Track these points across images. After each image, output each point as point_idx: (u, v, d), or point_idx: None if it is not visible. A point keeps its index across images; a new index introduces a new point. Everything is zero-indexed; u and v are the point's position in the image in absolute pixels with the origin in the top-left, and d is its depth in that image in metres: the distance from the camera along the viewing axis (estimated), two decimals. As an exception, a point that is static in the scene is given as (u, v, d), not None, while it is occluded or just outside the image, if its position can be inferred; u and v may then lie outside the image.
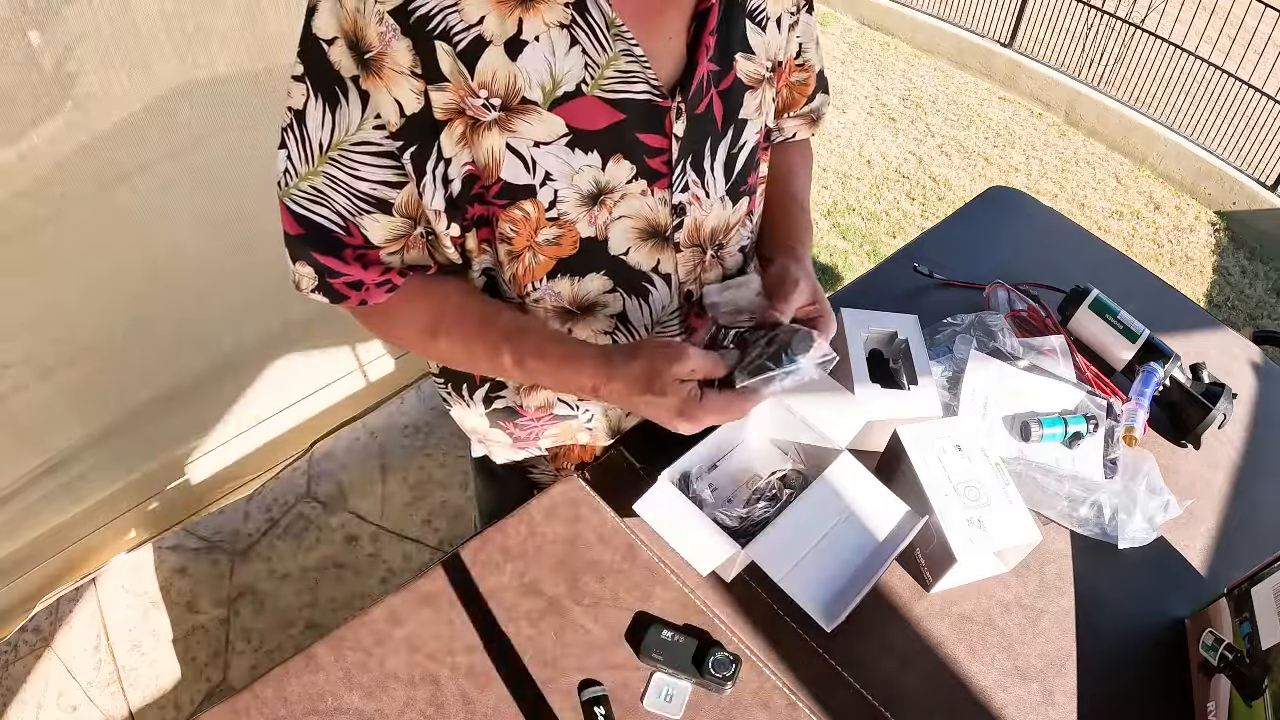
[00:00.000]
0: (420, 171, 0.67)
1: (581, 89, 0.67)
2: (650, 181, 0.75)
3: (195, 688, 1.75)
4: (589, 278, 0.80)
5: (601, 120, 0.69)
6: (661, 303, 0.84)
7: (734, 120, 0.79)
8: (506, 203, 0.71)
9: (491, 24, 0.62)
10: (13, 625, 1.76)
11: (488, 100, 0.65)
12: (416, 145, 0.66)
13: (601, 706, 0.75)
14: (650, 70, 0.69)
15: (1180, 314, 1.26)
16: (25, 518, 1.61)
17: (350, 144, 0.66)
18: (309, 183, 0.68)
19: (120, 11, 1.21)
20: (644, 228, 0.78)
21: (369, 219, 0.70)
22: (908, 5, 5.32)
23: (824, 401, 0.93)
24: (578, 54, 0.66)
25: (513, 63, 0.64)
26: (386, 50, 0.61)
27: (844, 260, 3.45)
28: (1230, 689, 0.77)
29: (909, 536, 0.83)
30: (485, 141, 0.67)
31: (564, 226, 0.74)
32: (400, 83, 0.63)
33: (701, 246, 0.84)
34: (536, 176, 0.70)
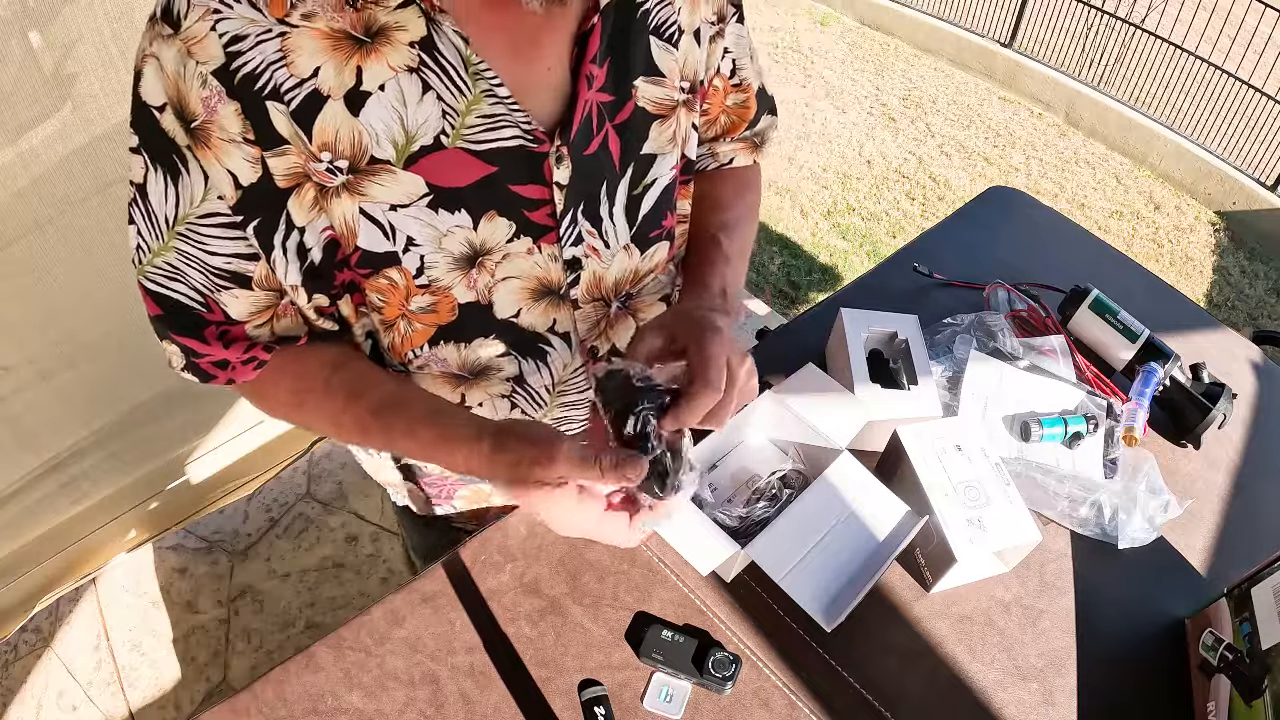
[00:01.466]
0: (267, 246, 0.60)
1: (441, 141, 0.59)
2: (535, 238, 0.66)
3: (195, 688, 1.75)
4: (477, 343, 0.72)
5: (468, 175, 0.61)
6: (562, 362, 0.77)
7: (635, 157, 0.70)
8: (369, 272, 0.64)
9: (327, 76, 0.55)
10: (13, 625, 1.76)
11: (332, 164, 0.57)
12: (259, 218, 0.59)
13: (601, 706, 0.75)
14: (520, 112, 0.60)
15: (1180, 314, 1.26)
16: (25, 518, 1.61)
17: (196, 217, 0.59)
18: (162, 259, 0.62)
19: (120, 11, 1.21)
20: (534, 288, 0.70)
21: (227, 295, 0.63)
22: (908, 5, 5.32)
23: (824, 401, 0.93)
24: (432, 101, 0.57)
25: (355, 118, 0.56)
26: (213, 117, 0.54)
27: (844, 260, 3.45)
28: (1230, 689, 0.77)
29: (909, 536, 0.83)
30: (336, 208, 0.60)
31: (438, 293, 0.66)
32: (231, 152, 0.56)
33: (605, 300, 0.76)
34: (398, 243, 0.62)
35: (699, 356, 0.62)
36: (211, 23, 0.52)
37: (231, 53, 0.53)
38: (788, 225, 3.60)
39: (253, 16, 0.52)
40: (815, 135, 4.27)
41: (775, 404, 0.91)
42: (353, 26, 0.54)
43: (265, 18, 0.53)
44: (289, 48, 0.53)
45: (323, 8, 0.53)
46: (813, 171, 3.98)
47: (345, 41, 0.54)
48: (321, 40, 0.54)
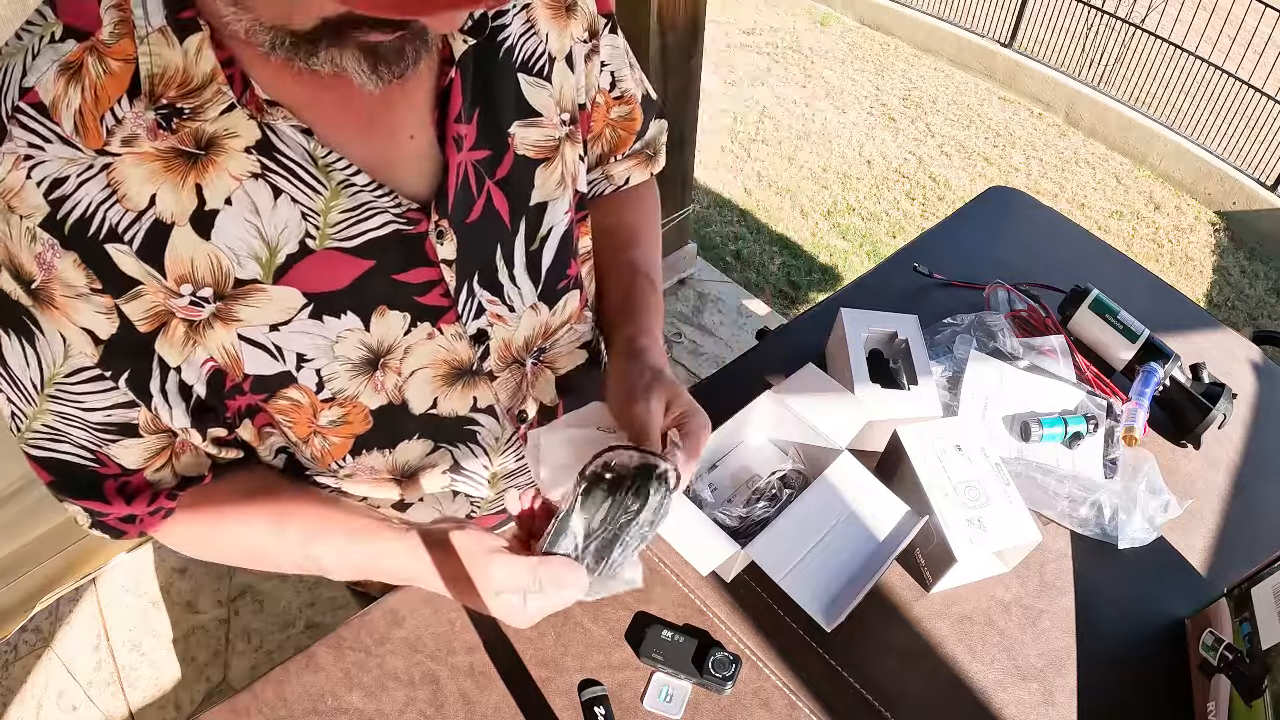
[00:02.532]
0: (144, 395, 0.55)
1: (308, 245, 0.54)
2: (433, 321, 0.62)
3: (195, 688, 1.75)
4: (401, 447, 0.69)
5: (345, 276, 0.56)
6: (493, 436, 0.74)
7: (525, 210, 0.64)
8: (267, 395, 0.60)
9: (166, 202, 0.49)
10: (13, 625, 1.76)
11: (195, 295, 0.52)
12: (129, 369, 0.54)
13: (601, 706, 0.75)
14: (387, 196, 0.55)
15: (1180, 314, 1.26)
16: (25, 518, 1.61)
17: (63, 377, 0.54)
18: (40, 422, 0.56)
19: (120, 11, 1.21)
20: (446, 373, 0.66)
21: (116, 447, 0.58)
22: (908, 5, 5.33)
23: (824, 401, 0.93)
24: (287, 205, 0.52)
25: (208, 242, 0.51)
26: (51, 274, 0.48)
27: (844, 260, 3.45)
28: (1230, 689, 0.77)
29: (909, 537, 0.83)
30: (212, 340, 0.55)
31: (346, 404, 0.62)
32: (80, 308, 0.50)
33: (519, 361, 0.71)
34: (288, 361, 0.58)
35: (690, 435, 0.62)
36: (25, 170, 0.46)
37: (55, 199, 0.47)
38: (788, 225, 3.60)
39: (69, 155, 0.47)
40: (815, 135, 4.27)
41: (775, 404, 0.91)
42: (181, 142, 0.49)
43: (83, 152, 0.47)
44: (116, 180, 0.48)
45: (145, 129, 0.48)
46: (813, 171, 3.98)
47: (176, 160, 0.49)
48: (150, 163, 0.48)
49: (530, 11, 0.62)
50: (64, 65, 0.46)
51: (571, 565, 0.56)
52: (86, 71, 0.46)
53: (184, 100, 0.48)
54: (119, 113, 0.47)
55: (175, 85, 0.47)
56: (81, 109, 0.47)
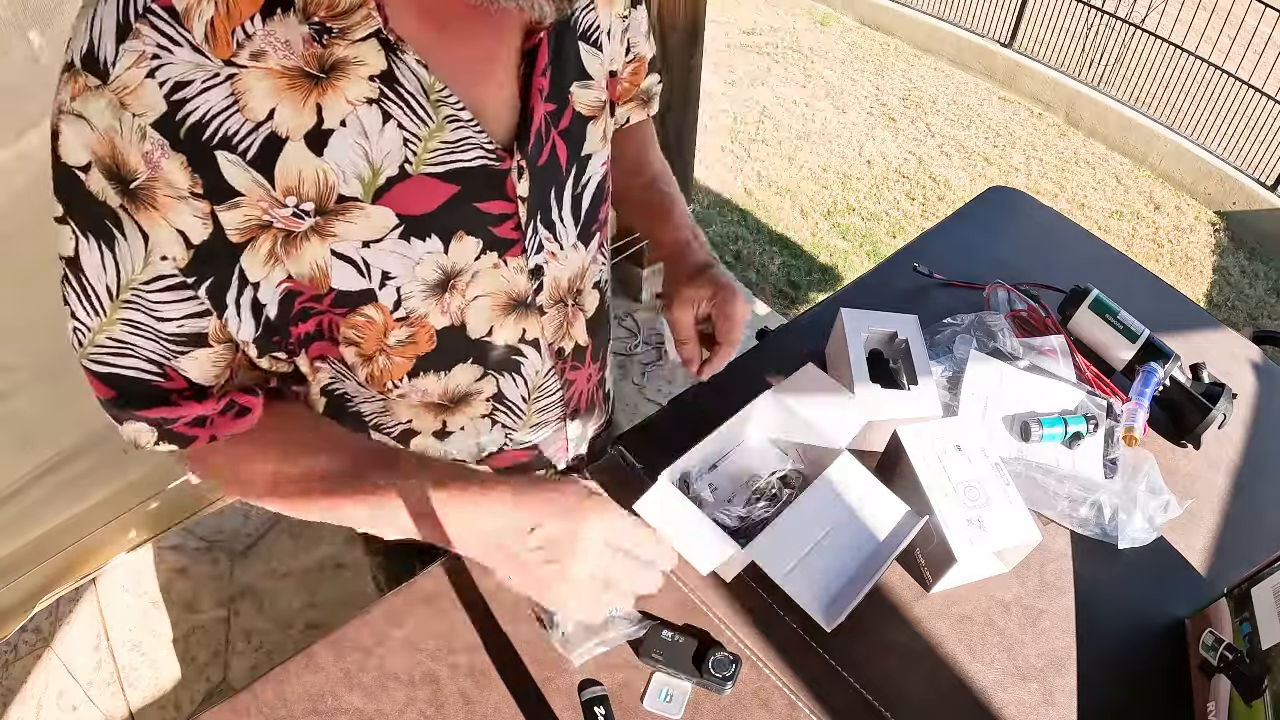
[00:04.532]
0: (220, 305, 0.57)
1: (406, 170, 0.58)
2: (501, 252, 0.67)
3: (195, 688, 1.75)
4: (456, 370, 0.73)
5: (434, 199, 0.60)
6: (535, 369, 0.79)
7: (578, 159, 0.72)
8: (345, 310, 0.62)
9: (285, 117, 0.52)
10: (13, 625, 1.76)
11: (298, 208, 0.55)
12: (212, 277, 0.55)
13: (601, 706, 0.75)
14: (483, 133, 0.60)
15: (1180, 314, 1.26)
16: (25, 518, 1.61)
17: (141, 283, 0.55)
18: (105, 335, 0.57)
19: (120, 11, 1.21)
20: (504, 302, 0.71)
21: (186, 359, 0.60)
22: (908, 5, 5.33)
23: (824, 401, 0.93)
24: (394, 131, 0.56)
25: (319, 158, 0.54)
26: (157, 173, 0.50)
27: (844, 260, 3.45)
28: (1230, 689, 0.77)
29: (909, 537, 0.83)
30: (306, 253, 0.57)
31: (415, 324, 0.66)
32: (180, 209, 0.51)
33: (563, 301, 0.78)
34: (373, 279, 0.61)
35: (724, 318, 0.84)
36: (148, 69, 0.47)
37: (175, 101, 0.48)
38: (788, 225, 3.60)
39: (196, 61, 0.48)
40: (815, 135, 4.27)
41: (775, 404, 0.91)
42: (307, 64, 0.51)
43: (210, 61, 0.48)
44: (239, 90, 0.50)
45: (273, 47, 0.50)
46: (813, 171, 3.98)
47: (300, 79, 0.51)
48: (275, 79, 0.51)
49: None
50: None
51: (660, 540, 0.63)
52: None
53: (333, 21, 0.51)
54: (249, 29, 0.49)
55: (325, 7, 0.51)
56: (214, 20, 0.48)
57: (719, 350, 0.85)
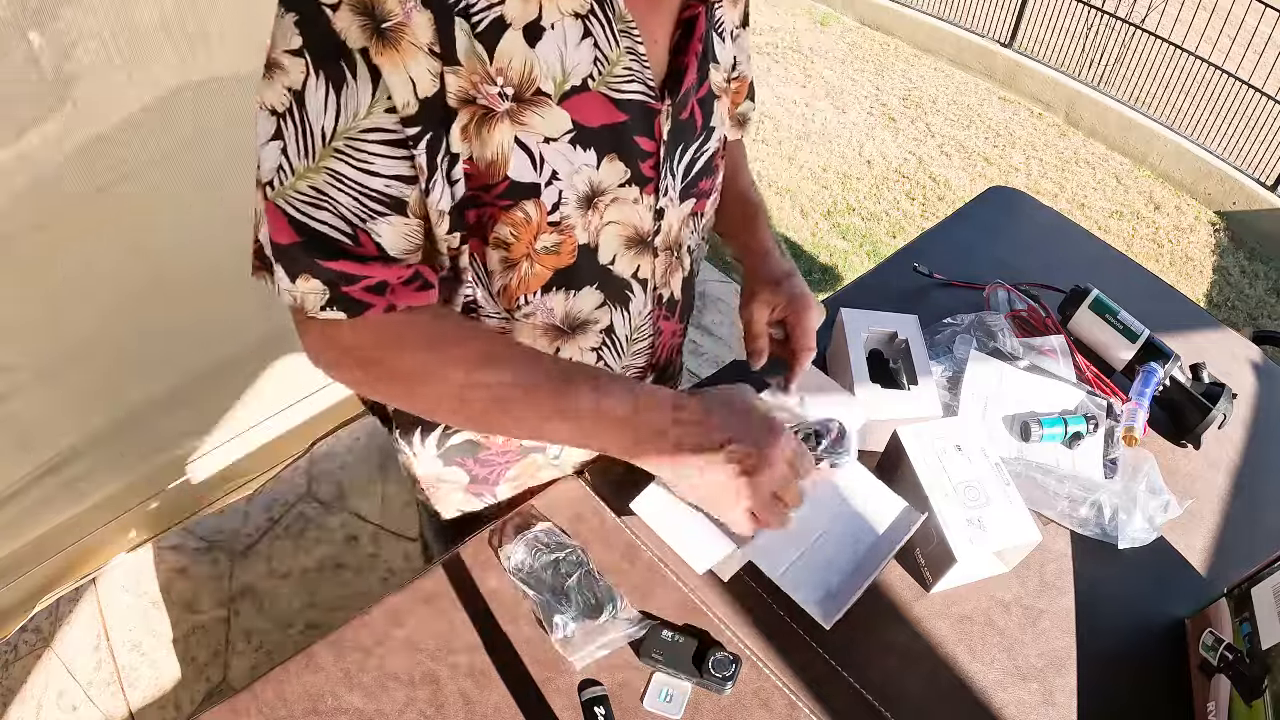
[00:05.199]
0: (433, 165, 0.59)
1: (588, 84, 0.63)
2: (642, 186, 0.73)
3: (195, 688, 1.75)
4: (584, 293, 0.76)
5: (602, 117, 0.66)
6: (639, 309, 0.83)
7: (707, 128, 0.79)
8: (509, 204, 0.64)
9: (513, 5, 0.57)
10: (13, 625, 1.76)
11: (503, 89, 0.59)
12: (431, 133, 0.58)
13: (601, 706, 0.75)
14: (649, 70, 0.66)
15: (1180, 314, 1.26)
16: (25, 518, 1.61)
17: (359, 131, 0.56)
18: (308, 182, 0.57)
19: (120, 11, 1.21)
20: (630, 235, 0.75)
21: (383, 223, 0.59)
22: (908, 5, 5.32)
23: (824, 401, 0.92)
24: (589, 46, 0.62)
25: (531, 49, 0.59)
26: (408, 21, 0.53)
27: (844, 260, 3.45)
28: (1230, 689, 0.77)
29: (908, 534, 0.83)
30: (495, 135, 0.60)
31: (564, 232, 0.69)
32: (419, 59, 0.55)
33: (671, 249, 0.83)
34: (543, 175, 0.64)
35: (799, 326, 0.88)
36: None
37: None
38: (788, 225, 3.60)
39: None
40: (815, 135, 4.27)
41: (775, 404, 0.91)
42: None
43: None
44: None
45: None
46: (813, 171, 3.98)
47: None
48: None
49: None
50: None
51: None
52: None
53: None
54: None
55: None
56: None
57: (798, 358, 0.87)
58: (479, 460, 0.92)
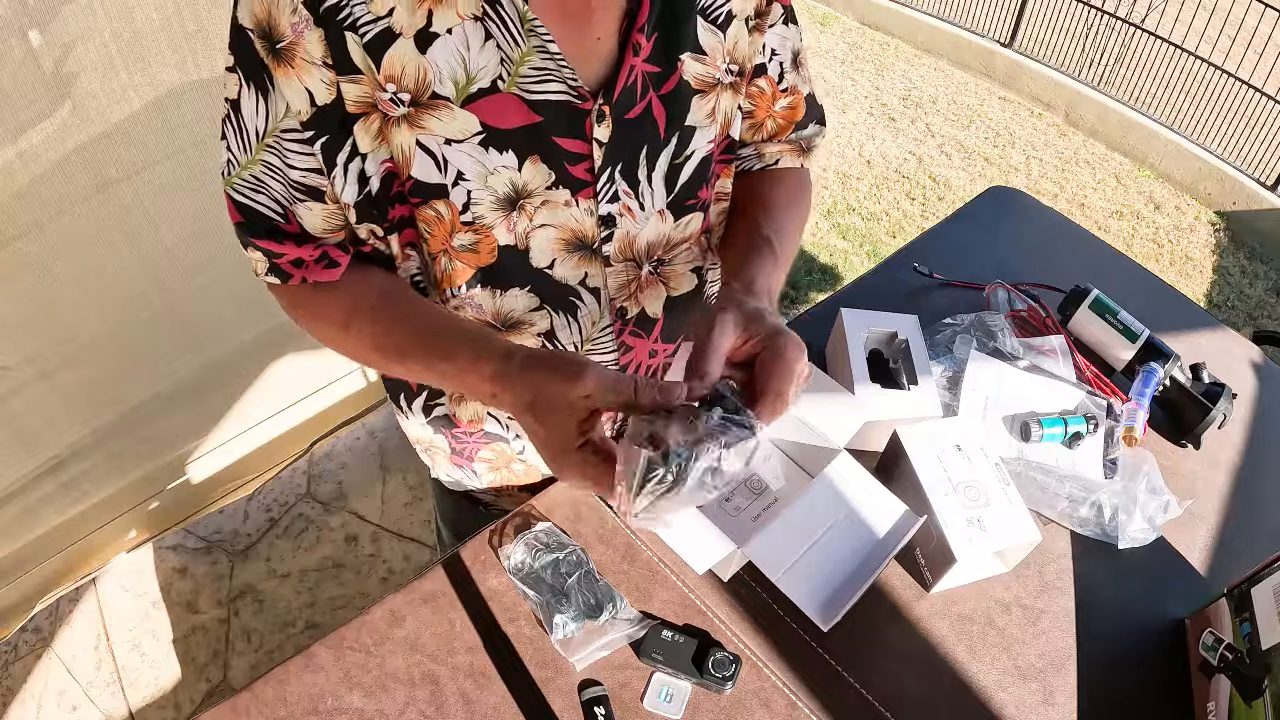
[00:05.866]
0: (330, 164, 0.66)
1: (498, 85, 0.64)
2: (574, 190, 0.71)
3: (195, 688, 1.75)
4: (511, 293, 0.76)
5: (516, 119, 0.66)
6: (591, 318, 0.81)
7: (679, 127, 0.74)
8: (420, 201, 0.70)
9: (401, 15, 0.61)
10: (13, 625, 1.76)
11: (395, 95, 0.63)
12: (327, 136, 0.65)
13: (601, 706, 0.75)
14: (568, 69, 0.65)
15: (1180, 314, 1.26)
16: (25, 518, 1.61)
17: (280, 131, 0.65)
18: (249, 171, 0.68)
19: (120, 11, 1.21)
20: (569, 239, 0.74)
21: (303, 207, 0.69)
22: (908, 5, 5.32)
23: (823, 401, 0.92)
24: (493, 49, 0.63)
25: (422, 56, 0.62)
26: (299, 40, 0.60)
27: (844, 260, 3.45)
28: (1230, 689, 0.77)
29: (907, 536, 0.83)
30: (396, 138, 0.65)
31: (480, 231, 0.71)
32: (312, 72, 0.61)
33: (636, 261, 0.79)
34: (448, 175, 0.68)
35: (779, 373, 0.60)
36: None
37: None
38: (788, 225, 3.60)
39: None
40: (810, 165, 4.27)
41: None
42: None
43: None
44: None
45: None
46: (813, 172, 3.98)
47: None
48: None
49: None
50: None
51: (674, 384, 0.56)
52: None
53: None
54: None
55: None
56: None
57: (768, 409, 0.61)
58: (453, 435, 0.94)
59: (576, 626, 0.79)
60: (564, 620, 0.78)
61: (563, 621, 0.78)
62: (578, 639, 0.79)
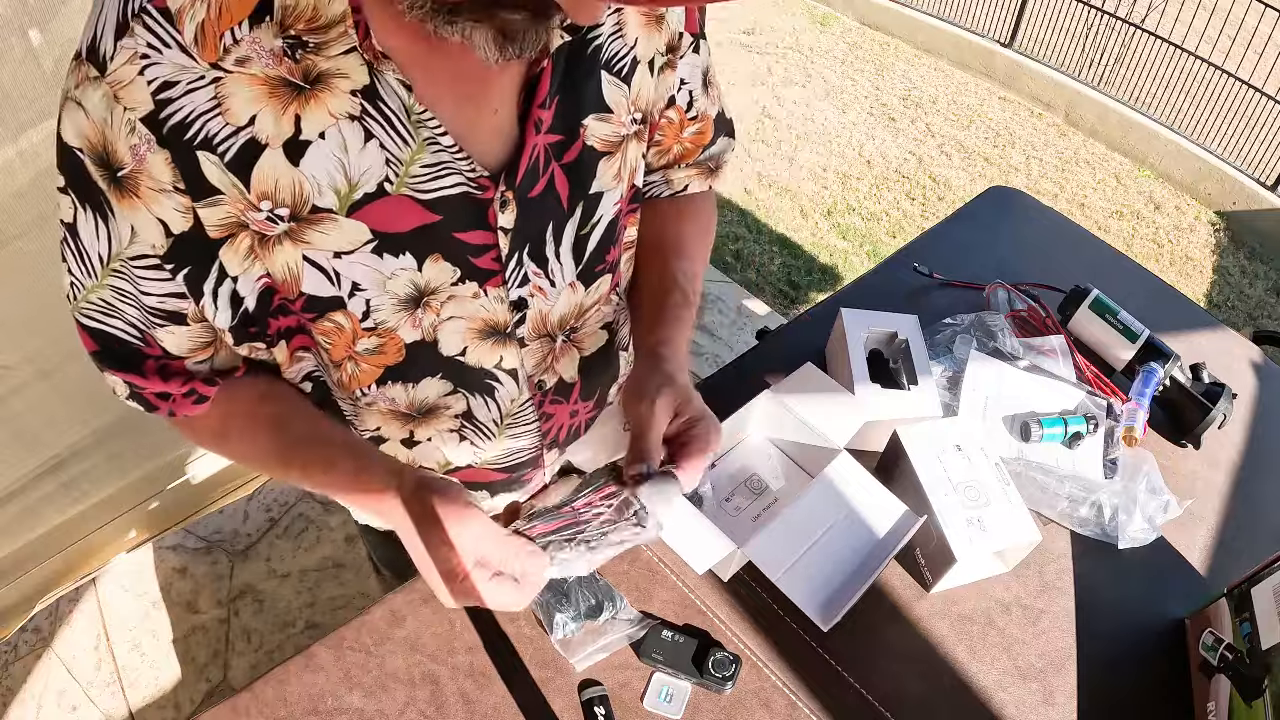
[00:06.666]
0: (197, 293, 0.59)
1: (385, 189, 0.57)
2: (481, 282, 0.66)
3: (195, 688, 1.75)
4: (424, 383, 0.72)
5: (411, 221, 0.60)
6: (510, 397, 0.77)
7: (584, 196, 0.68)
8: (314, 315, 0.63)
9: (265, 124, 0.52)
10: (13, 625, 1.76)
11: (272, 213, 0.56)
12: (189, 267, 0.57)
13: (601, 706, 0.75)
14: (465, 160, 0.58)
15: (1180, 314, 1.26)
16: (25, 518, 1.61)
17: (128, 258, 0.57)
18: (97, 295, 0.60)
19: (120, 11, 1.21)
20: (480, 328, 0.69)
21: (163, 331, 0.62)
22: (908, 5, 5.32)
23: (823, 401, 0.93)
24: (375, 149, 0.56)
25: (295, 168, 0.54)
26: (142, 166, 0.52)
27: (844, 260, 3.45)
28: (1230, 689, 0.77)
29: (907, 536, 0.83)
30: (279, 256, 0.58)
31: (384, 335, 0.66)
32: (162, 201, 0.53)
33: (550, 336, 0.76)
34: (343, 288, 0.61)
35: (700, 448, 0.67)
36: (140, 67, 0.49)
37: (161, 100, 0.50)
38: (788, 225, 3.60)
39: (184, 63, 0.49)
40: (815, 135, 4.27)
41: (774, 404, 0.91)
42: (290, 73, 0.52)
43: (197, 63, 0.50)
44: (222, 94, 0.51)
45: (258, 54, 0.50)
46: (813, 171, 3.98)
47: (283, 88, 0.52)
48: (257, 87, 0.51)
49: (621, 15, 0.66)
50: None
51: (535, 551, 0.59)
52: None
53: (310, 35, 0.51)
54: (238, 34, 0.50)
55: (305, 20, 0.51)
56: (204, 23, 0.49)
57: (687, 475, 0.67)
58: None
59: (576, 626, 0.79)
60: (564, 620, 0.78)
61: (563, 621, 0.78)
62: (578, 639, 0.79)
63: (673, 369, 0.71)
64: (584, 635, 0.79)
